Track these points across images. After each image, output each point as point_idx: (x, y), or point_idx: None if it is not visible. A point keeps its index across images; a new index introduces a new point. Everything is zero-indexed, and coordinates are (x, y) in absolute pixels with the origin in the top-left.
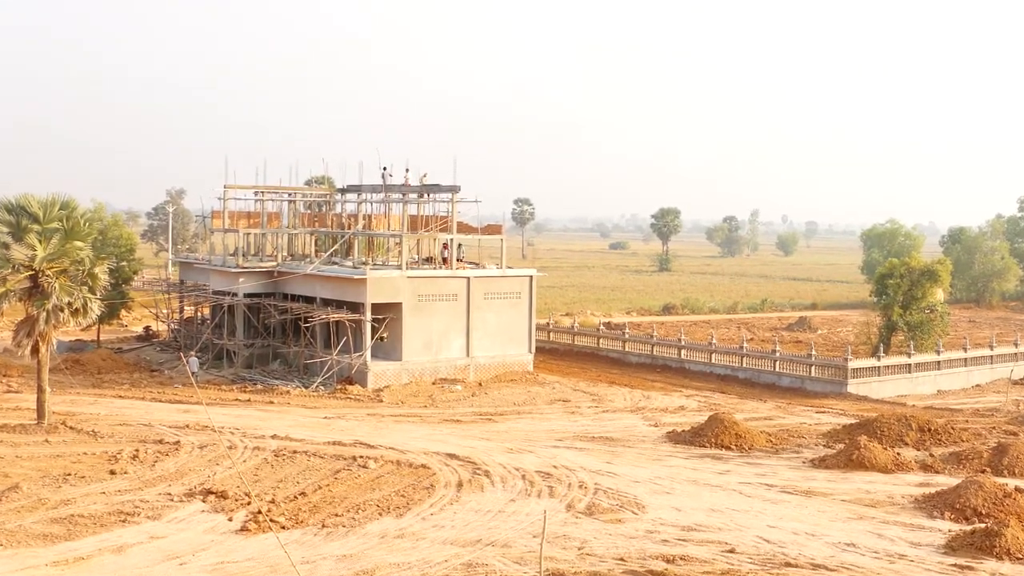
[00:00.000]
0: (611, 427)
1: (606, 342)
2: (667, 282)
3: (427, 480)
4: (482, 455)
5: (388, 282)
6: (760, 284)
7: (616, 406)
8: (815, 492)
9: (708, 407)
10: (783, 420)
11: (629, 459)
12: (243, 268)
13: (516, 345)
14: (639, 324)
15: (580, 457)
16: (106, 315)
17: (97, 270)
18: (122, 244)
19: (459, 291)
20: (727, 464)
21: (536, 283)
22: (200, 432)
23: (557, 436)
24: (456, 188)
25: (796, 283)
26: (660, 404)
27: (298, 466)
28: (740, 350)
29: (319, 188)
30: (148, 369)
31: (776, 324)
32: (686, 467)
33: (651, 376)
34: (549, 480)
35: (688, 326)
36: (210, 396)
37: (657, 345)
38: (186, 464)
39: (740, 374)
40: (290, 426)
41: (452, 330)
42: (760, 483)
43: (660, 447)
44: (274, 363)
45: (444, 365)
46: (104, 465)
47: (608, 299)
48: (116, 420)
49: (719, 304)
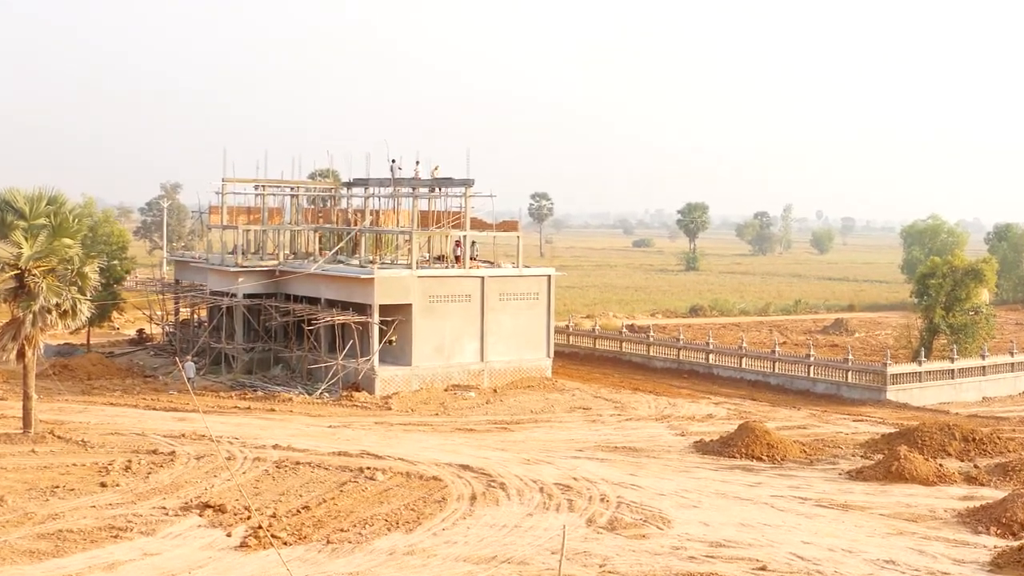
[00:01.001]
0: (635, 436)
1: (629, 346)
2: (694, 282)
3: (439, 493)
4: (497, 466)
5: (397, 282)
6: (793, 284)
7: (640, 414)
8: (852, 506)
9: (738, 415)
10: (818, 429)
11: (654, 470)
12: (242, 267)
13: (533, 349)
14: (664, 327)
15: (602, 468)
16: (96, 317)
17: (87, 269)
18: (114, 242)
19: (473, 292)
20: (758, 476)
21: (555, 283)
22: (197, 442)
23: (577, 446)
24: (470, 182)
25: (832, 283)
26: (687, 412)
27: (301, 478)
28: (772, 354)
29: (324, 182)
30: (141, 375)
31: (810, 327)
32: (714, 479)
33: (677, 382)
34: (568, 493)
35: (717, 329)
36: (207, 403)
37: (684, 349)
38: (182, 476)
39: (772, 380)
40: (293, 435)
41: (465, 333)
42: (793, 496)
43: (687, 458)
44: (276, 368)
45: (457, 370)
46: (94, 477)
47: (631, 300)
48: (107, 429)
49: (750, 305)
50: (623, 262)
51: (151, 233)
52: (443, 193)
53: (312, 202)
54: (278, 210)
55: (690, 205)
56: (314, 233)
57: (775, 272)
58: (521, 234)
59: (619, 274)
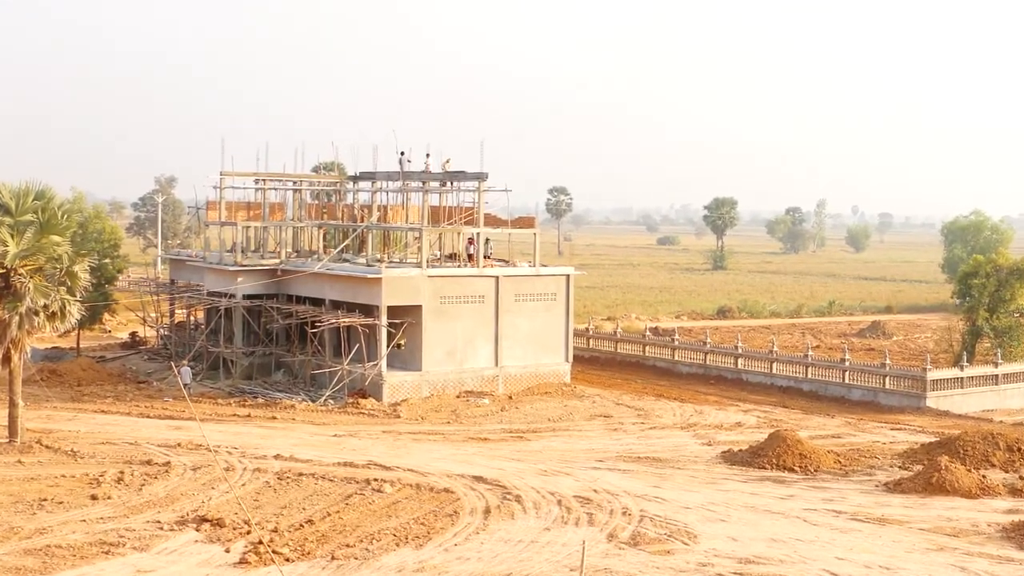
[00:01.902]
0: (659, 446)
1: (653, 350)
2: (722, 282)
3: (450, 506)
4: (512, 478)
5: (406, 282)
6: (827, 284)
7: (664, 422)
8: (890, 520)
9: (768, 423)
10: (853, 438)
11: (679, 482)
12: (242, 266)
13: (551, 353)
14: (690, 329)
15: (623, 480)
16: (87, 319)
17: (77, 268)
18: (105, 239)
19: (487, 292)
20: (790, 488)
21: (574, 283)
22: (193, 452)
23: (597, 456)
24: (483, 176)
25: (868, 283)
26: (714, 420)
27: (304, 490)
28: (804, 359)
29: (328, 175)
30: (134, 380)
31: (845, 329)
32: (743, 491)
33: (704, 388)
34: (588, 506)
35: (746, 332)
36: (204, 411)
37: (711, 353)
38: (177, 488)
39: (805, 386)
40: (295, 445)
41: (479, 336)
42: (827, 509)
43: (714, 469)
44: (277, 373)
45: (469, 376)
46: (84, 489)
47: (655, 301)
48: (98, 438)
49: (781, 307)
50: (646, 261)
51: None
52: (455, 187)
53: (316, 197)
54: (280, 205)
55: (718, 200)
56: (318, 230)
57: (808, 271)
58: (538, 231)
59: (642, 274)
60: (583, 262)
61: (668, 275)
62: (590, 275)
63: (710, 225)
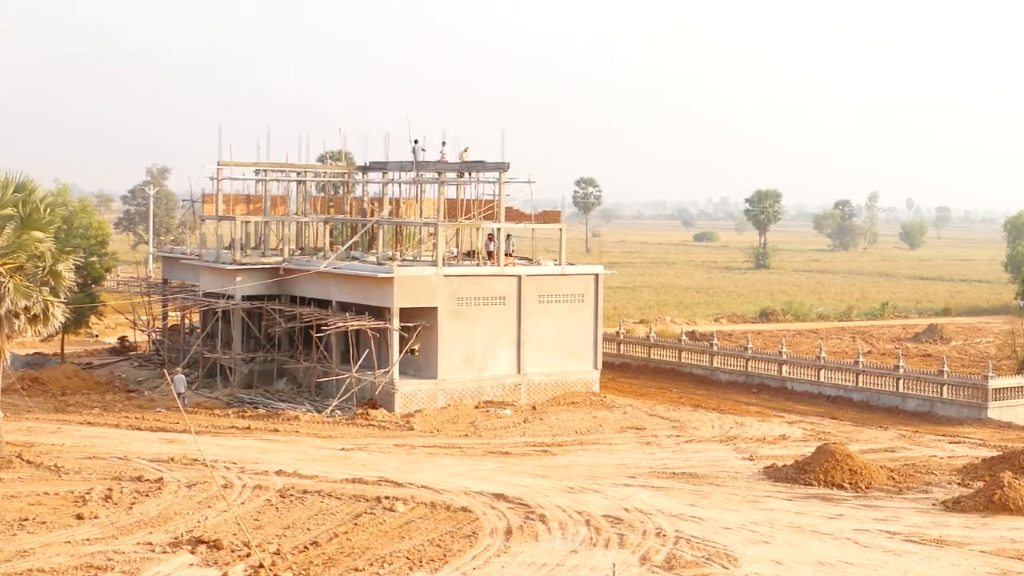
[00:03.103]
0: (696, 461)
1: (690, 356)
2: (765, 282)
3: (468, 526)
4: (536, 495)
5: (420, 282)
6: (880, 284)
7: (702, 435)
8: (948, 541)
9: (816, 436)
10: (908, 452)
11: (718, 500)
12: (241, 265)
13: (578, 360)
14: (730, 334)
15: (657, 498)
16: (72, 323)
17: (61, 267)
18: (92, 235)
19: (508, 293)
20: (839, 507)
21: (603, 283)
22: (188, 467)
23: (629, 472)
24: (504, 166)
25: (924, 283)
26: (756, 432)
27: (309, 509)
28: (855, 366)
29: (335, 166)
30: (124, 389)
31: (900, 334)
32: (788, 510)
33: (745, 398)
34: (619, 526)
35: (791, 336)
36: (200, 422)
37: (752, 360)
38: (171, 506)
39: (855, 395)
40: (299, 459)
41: (499, 341)
42: (880, 530)
43: (756, 486)
44: (279, 382)
45: (489, 384)
46: (70, 508)
47: (692, 303)
48: (84, 452)
49: (829, 309)
50: (682, 259)
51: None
52: (474, 179)
53: (322, 189)
54: (282, 198)
55: (760, 193)
56: (324, 225)
57: (859, 270)
58: (564, 226)
59: (678, 273)
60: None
61: (706, 274)
62: (621, 274)
63: (752, 220)
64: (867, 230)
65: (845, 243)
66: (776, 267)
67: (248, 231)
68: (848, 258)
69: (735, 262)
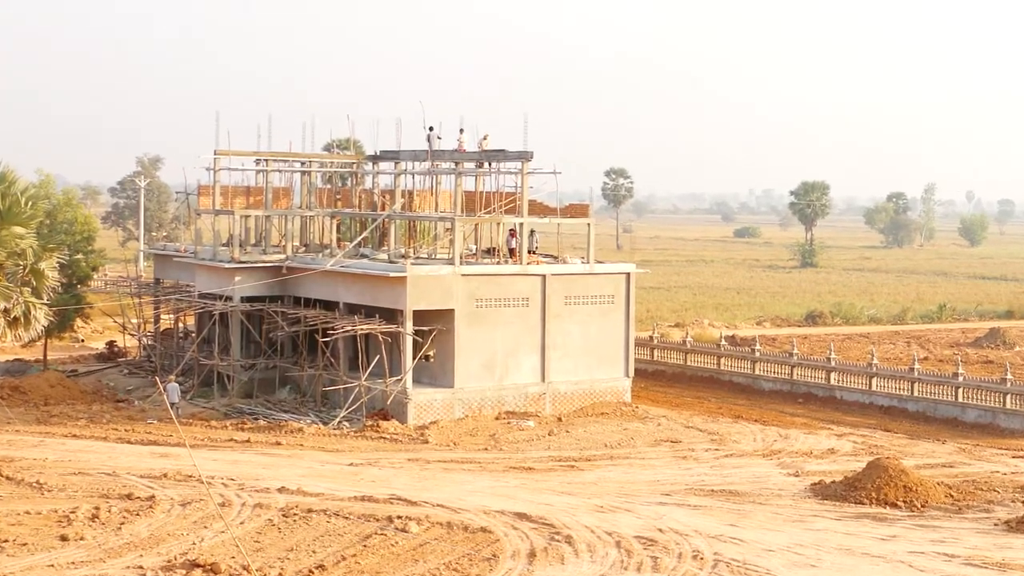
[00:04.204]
0: (736, 477)
1: (729, 362)
2: (812, 281)
3: (488, 548)
4: (562, 515)
5: (435, 282)
6: (937, 284)
7: (743, 449)
8: (1011, 565)
9: (867, 450)
10: (968, 468)
11: (760, 520)
12: (240, 263)
13: (608, 366)
14: (774, 338)
15: (695, 517)
16: (56, 326)
17: (43, 266)
18: (78, 230)
19: (531, 294)
20: (892, 527)
21: (635, 283)
22: (182, 484)
23: (663, 489)
24: (528, 155)
25: (986, 283)
26: (802, 446)
27: (314, 529)
28: (910, 374)
29: (343, 155)
30: (112, 399)
31: (959, 338)
32: (837, 531)
33: (790, 408)
34: (653, 548)
35: (840, 341)
36: (196, 435)
37: (798, 367)
38: (163, 527)
39: (910, 406)
40: (304, 475)
41: (522, 346)
42: (937, 553)
43: (802, 504)
44: (282, 391)
45: (511, 394)
46: (53, 528)
47: (732, 305)
48: (69, 467)
49: (881, 312)
50: (721, 256)
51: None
52: (494, 169)
53: (328, 180)
54: (285, 190)
55: (806, 185)
56: (331, 220)
57: (914, 269)
58: (593, 221)
59: (716, 271)
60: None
61: (747, 273)
62: (654, 273)
63: (797, 214)
64: (923, 225)
65: (899, 239)
66: (824, 265)
67: (248, 226)
68: (902, 256)
69: (779, 260)
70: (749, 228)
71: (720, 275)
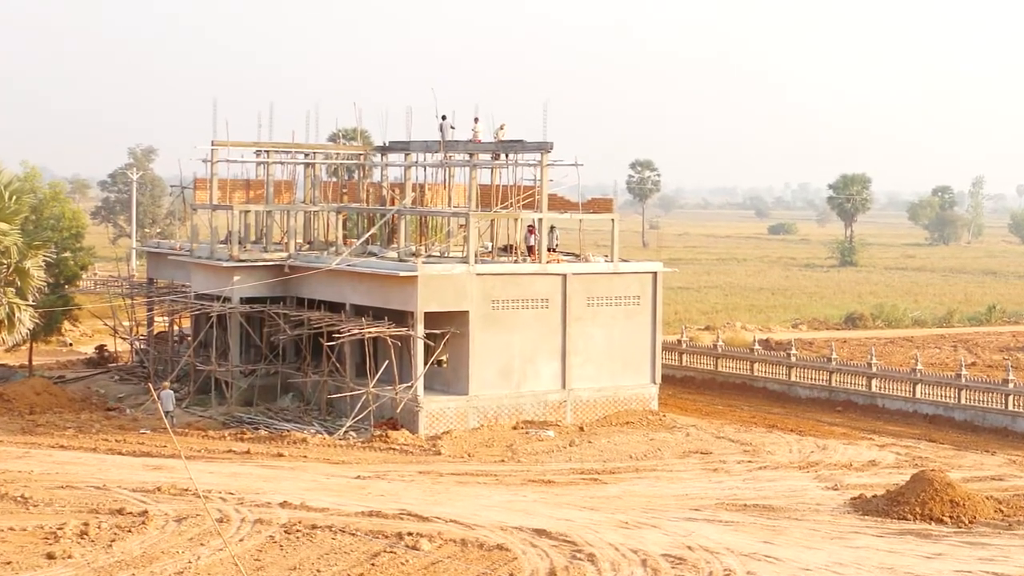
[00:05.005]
0: (771, 491)
1: (763, 368)
2: (852, 281)
3: (505, 567)
4: (584, 531)
5: (449, 282)
6: (986, 284)
7: (778, 460)
8: None
9: (911, 462)
10: (1019, 481)
11: (797, 537)
12: (239, 261)
13: (633, 373)
14: (811, 342)
15: (726, 534)
16: (42, 329)
17: (29, 264)
18: (65, 226)
19: (551, 295)
20: (938, 544)
21: (663, 283)
22: (177, 498)
23: (693, 504)
24: (548, 146)
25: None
26: (841, 457)
27: (319, 547)
28: (957, 380)
29: (350, 146)
30: (102, 407)
31: (1009, 342)
32: (879, 548)
33: (828, 417)
34: (681, 567)
35: (882, 345)
36: (192, 446)
37: (837, 372)
38: (157, 544)
39: (957, 414)
40: (307, 489)
41: (541, 351)
42: (986, 571)
43: (841, 520)
44: (284, 398)
45: (529, 401)
46: (39, 546)
47: (767, 306)
48: (56, 480)
49: (926, 314)
50: (755, 254)
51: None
52: (511, 161)
53: (334, 173)
54: (287, 184)
55: (846, 178)
56: (336, 215)
57: (961, 268)
58: (617, 216)
59: (749, 271)
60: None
61: (783, 273)
62: (683, 273)
63: (836, 209)
64: (971, 221)
65: (945, 236)
66: (864, 264)
67: (247, 222)
68: (948, 254)
69: (816, 258)
70: (784, 224)
71: (753, 274)
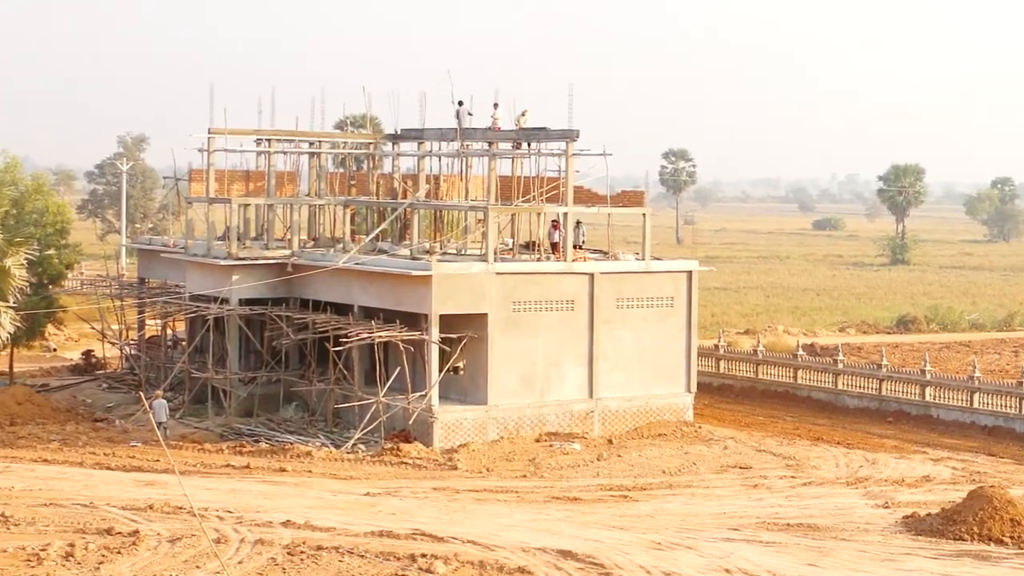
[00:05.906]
0: (816, 509)
1: (808, 375)
2: (904, 281)
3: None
4: (613, 553)
5: (465, 281)
6: None
7: (823, 476)
8: None
9: (968, 477)
10: None
11: (844, 559)
12: (238, 259)
13: (666, 380)
14: (860, 348)
15: (767, 556)
16: (24, 333)
17: (9, 263)
18: (49, 222)
19: (577, 295)
20: (998, 566)
21: (698, 283)
22: (171, 516)
23: (731, 523)
24: (573, 134)
25: None
26: (892, 473)
27: (325, 570)
28: (1018, 388)
29: (358, 135)
30: (89, 418)
31: None
32: (934, 571)
33: (878, 429)
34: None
35: (937, 350)
36: (187, 460)
37: (888, 380)
38: (149, 566)
39: (1018, 426)
40: (312, 507)
41: (566, 357)
42: None
43: (893, 540)
44: (287, 408)
45: (553, 412)
46: (21, 568)
47: (811, 308)
48: (40, 498)
49: (985, 316)
50: (799, 252)
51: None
52: (534, 150)
53: (341, 163)
54: (291, 175)
55: (897, 169)
56: (344, 209)
57: (1023, 267)
58: (649, 211)
59: (793, 270)
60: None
61: (829, 272)
62: (720, 272)
63: (887, 203)
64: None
65: (1005, 232)
66: (918, 263)
67: (247, 217)
68: (1009, 251)
69: (866, 256)
70: (831, 219)
71: (797, 274)
